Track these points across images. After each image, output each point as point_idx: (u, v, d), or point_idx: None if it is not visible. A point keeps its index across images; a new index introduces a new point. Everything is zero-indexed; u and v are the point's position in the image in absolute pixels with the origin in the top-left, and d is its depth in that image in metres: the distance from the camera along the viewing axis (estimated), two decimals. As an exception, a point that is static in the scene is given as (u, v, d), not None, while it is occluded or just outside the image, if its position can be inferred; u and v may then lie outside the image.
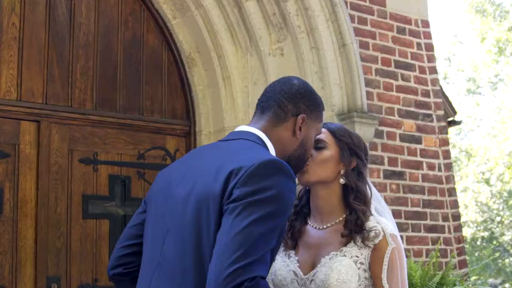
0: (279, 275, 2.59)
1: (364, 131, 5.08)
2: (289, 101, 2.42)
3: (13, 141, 4.82)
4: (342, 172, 2.59)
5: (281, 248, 2.66)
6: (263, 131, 2.38)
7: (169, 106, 5.60)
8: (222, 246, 1.98)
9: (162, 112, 5.53)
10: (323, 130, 2.63)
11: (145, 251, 2.30)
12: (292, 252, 2.63)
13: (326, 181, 2.59)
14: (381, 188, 5.28)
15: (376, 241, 2.48)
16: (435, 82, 5.80)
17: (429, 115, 5.70)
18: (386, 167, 5.34)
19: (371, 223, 2.52)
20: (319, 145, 2.59)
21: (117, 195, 5.21)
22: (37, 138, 4.91)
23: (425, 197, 5.52)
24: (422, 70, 5.73)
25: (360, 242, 2.48)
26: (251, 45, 5.49)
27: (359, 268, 2.47)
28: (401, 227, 5.30)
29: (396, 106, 5.50)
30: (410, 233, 5.36)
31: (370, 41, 5.49)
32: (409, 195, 5.43)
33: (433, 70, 5.81)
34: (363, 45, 5.45)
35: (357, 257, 2.48)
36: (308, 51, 5.29)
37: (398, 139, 5.45)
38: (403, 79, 5.60)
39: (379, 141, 5.33)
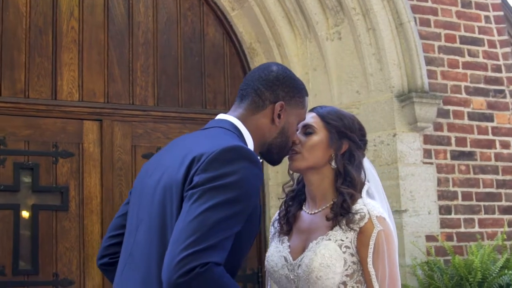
0: (271, 261, 2.55)
1: (425, 111, 4.90)
2: (267, 88, 2.37)
3: (77, 140, 4.98)
4: (333, 156, 2.50)
5: (276, 234, 2.62)
6: (240, 119, 2.33)
7: (232, 97, 5.60)
8: (177, 233, 1.95)
9: (225, 104, 5.54)
10: (312, 114, 2.56)
11: (123, 240, 2.31)
12: (285, 238, 2.57)
13: (316, 167, 2.51)
14: (449, 169, 5.07)
15: (362, 223, 2.37)
16: (507, 56, 5.50)
17: (501, 91, 5.41)
18: (454, 147, 5.12)
19: (358, 205, 2.41)
20: (308, 130, 2.53)
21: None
22: (100, 136, 5.05)
23: (499, 177, 5.25)
24: (491, 44, 5.45)
25: (344, 225, 2.39)
26: (309, 31, 5.41)
27: (344, 252, 2.37)
28: (472, 210, 5.09)
29: (463, 84, 5.25)
30: (483, 216, 5.11)
31: (432, 17, 5.27)
32: (481, 176, 5.18)
33: (505, 44, 5.51)
34: (424, 23, 5.24)
35: (342, 240, 2.38)
36: (365, 33, 5.15)
37: (466, 117, 5.21)
38: (470, 55, 5.34)
39: (445, 121, 5.11)
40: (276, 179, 5.40)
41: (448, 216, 5.00)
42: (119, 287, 2.20)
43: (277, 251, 2.54)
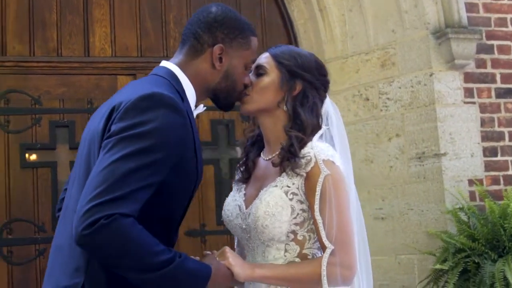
0: (226, 210, 2.46)
1: (463, 47, 4.61)
2: (205, 31, 2.26)
3: (111, 96, 4.98)
4: (284, 98, 2.36)
5: (235, 182, 2.52)
6: (179, 66, 2.24)
7: (272, 45, 5.46)
8: (87, 183, 1.91)
9: (263, 49, 5.40)
10: (266, 54, 2.43)
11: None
12: (243, 186, 2.47)
13: (267, 109, 2.38)
14: (493, 109, 4.77)
15: (308, 168, 2.22)
16: (561, -17, 5.07)
17: (552, 22, 5.01)
18: (499, 85, 4.80)
19: (306, 149, 2.26)
20: (259, 71, 2.39)
21: (221, 139, 5.23)
22: (135, 91, 5.04)
23: (550, 114, 4.90)
24: (539, -29, 5.04)
25: (291, 170, 2.24)
26: (344, -29, 5.18)
27: (291, 199, 2.24)
28: (519, 152, 4.79)
29: (509, 16, 4.89)
30: (532, 159, 4.80)
31: None
32: (529, 114, 4.85)
33: (558, -31, 5.08)
34: (462, -49, 4.89)
35: (288, 187, 2.25)
36: (399, -33, 4.87)
37: (513, 52, 4.87)
38: (516, -16, 4.96)
39: (488, 57, 4.79)
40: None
41: (494, 159, 4.72)
42: (55, 240, 2.19)
43: (233, 200, 2.46)
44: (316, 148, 2.25)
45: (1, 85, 4.88)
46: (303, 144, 2.28)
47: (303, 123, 2.32)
